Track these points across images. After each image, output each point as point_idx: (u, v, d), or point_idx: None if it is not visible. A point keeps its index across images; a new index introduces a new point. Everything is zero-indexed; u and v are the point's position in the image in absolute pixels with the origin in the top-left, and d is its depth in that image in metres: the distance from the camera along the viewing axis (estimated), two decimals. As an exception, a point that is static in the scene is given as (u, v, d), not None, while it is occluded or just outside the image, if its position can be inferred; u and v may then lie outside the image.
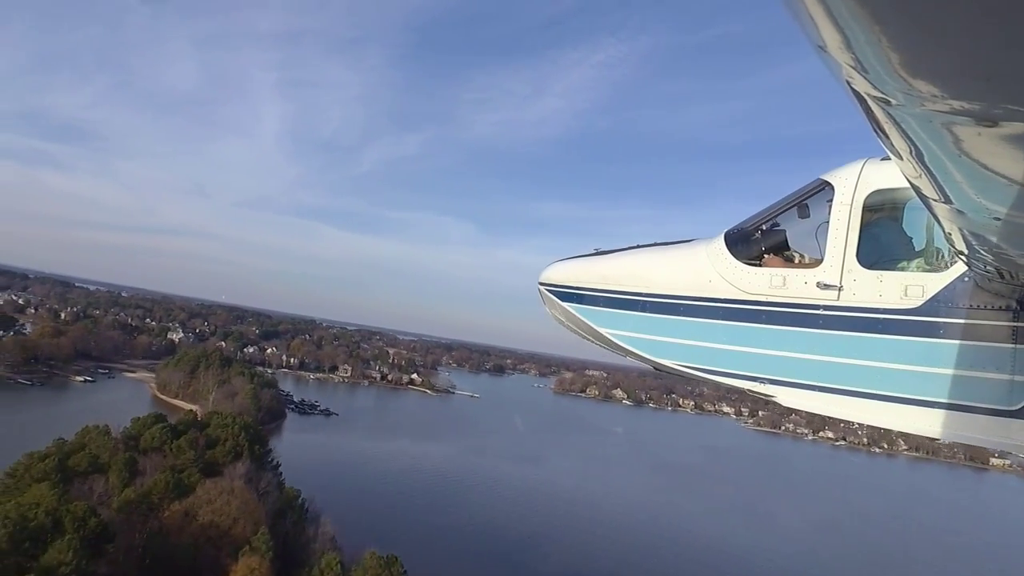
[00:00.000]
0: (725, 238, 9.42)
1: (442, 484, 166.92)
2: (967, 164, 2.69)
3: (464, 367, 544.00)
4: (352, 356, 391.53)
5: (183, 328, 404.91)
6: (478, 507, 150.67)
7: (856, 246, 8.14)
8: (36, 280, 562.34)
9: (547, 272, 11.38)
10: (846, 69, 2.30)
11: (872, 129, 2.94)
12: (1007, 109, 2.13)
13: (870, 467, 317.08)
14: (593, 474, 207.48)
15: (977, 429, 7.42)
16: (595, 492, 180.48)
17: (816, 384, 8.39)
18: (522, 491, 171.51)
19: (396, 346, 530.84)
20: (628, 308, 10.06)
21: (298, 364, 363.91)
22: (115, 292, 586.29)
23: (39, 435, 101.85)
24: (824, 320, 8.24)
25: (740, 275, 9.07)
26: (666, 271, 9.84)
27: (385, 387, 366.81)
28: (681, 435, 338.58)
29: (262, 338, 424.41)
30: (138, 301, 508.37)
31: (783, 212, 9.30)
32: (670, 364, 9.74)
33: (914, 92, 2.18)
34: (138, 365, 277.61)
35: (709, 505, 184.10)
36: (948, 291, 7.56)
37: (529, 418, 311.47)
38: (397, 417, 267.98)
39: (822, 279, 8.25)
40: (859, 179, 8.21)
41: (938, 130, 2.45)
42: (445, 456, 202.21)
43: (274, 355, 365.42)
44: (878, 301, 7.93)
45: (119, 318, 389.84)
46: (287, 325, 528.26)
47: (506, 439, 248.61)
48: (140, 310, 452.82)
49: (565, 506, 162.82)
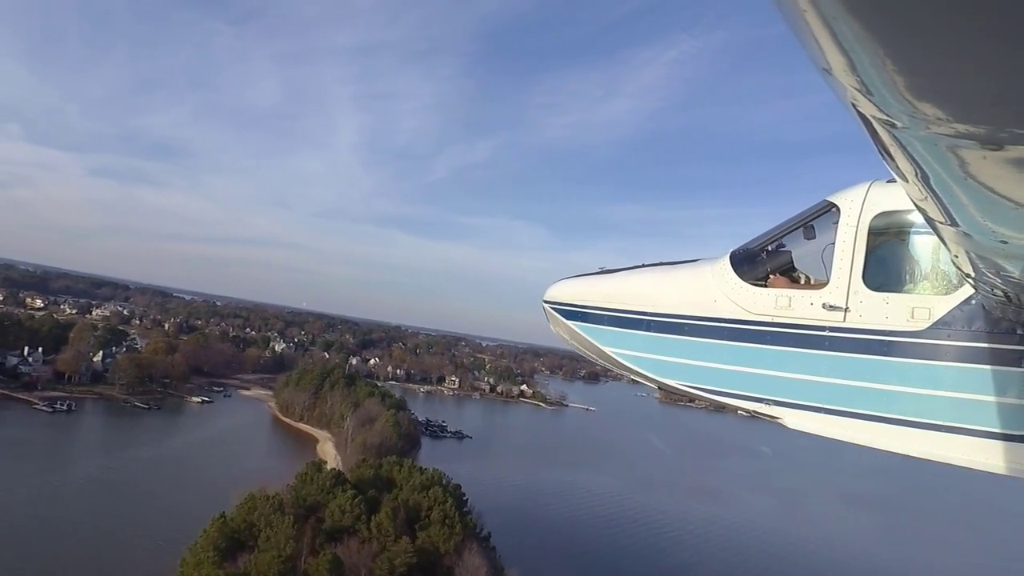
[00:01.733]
0: (731, 258, 9.16)
1: (637, 530, 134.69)
2: (973, 187, 2.64)
3: (558, 374, 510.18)
4: (458, 366, 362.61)
5: (282, 337, 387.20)
6: (696, 560, 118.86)
7: (862, 268, 7.89)
8: (136, 291, 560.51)
9: (552, 290, 11.12)
10: (851, 92, 2.25)
11: (878, 151, 2.88)
12: (1012, 133, 2.09)
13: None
14: (792, 513, 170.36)
15: (984, 454, 7.11)
16: (814, 538, 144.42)
17: (822, 406, 8.09)
18: (729, 536, 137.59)
19: (482, 352, 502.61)
20: (632, 327, 9.77)
21: (404, 375, 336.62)
22: (210, 301, 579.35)
23: (176, 476, 74.23)
24: (830, 342, 7.99)
25: (745, 295, 8.77)
26: (671, 291, 9.57)
27: (495, 399, 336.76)
28: (831, 456, 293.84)
29: (359, 347, 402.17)
30: (234, 310, 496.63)
31: (789, 233, 9.00)
32: (675, 384, 9.45)
33: (919, 115, 2.14)
34: (250, 381, 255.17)
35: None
36: (955, 314, 7.34)
37: (663, 436, 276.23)
38: (530, 438, 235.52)
39: (828, 300, 8.00)
40: (865, 201, 7.97)
41: (944, 153, 2.40)
42: (616, 490, 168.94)
43: (379, 366, 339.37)
44: (884, 323, 7.68)
45: (220, 328, 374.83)
46: (379, 333, 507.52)
47: (659, 465, 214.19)
48: (238, 319, 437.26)
49: (797, 557, 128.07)
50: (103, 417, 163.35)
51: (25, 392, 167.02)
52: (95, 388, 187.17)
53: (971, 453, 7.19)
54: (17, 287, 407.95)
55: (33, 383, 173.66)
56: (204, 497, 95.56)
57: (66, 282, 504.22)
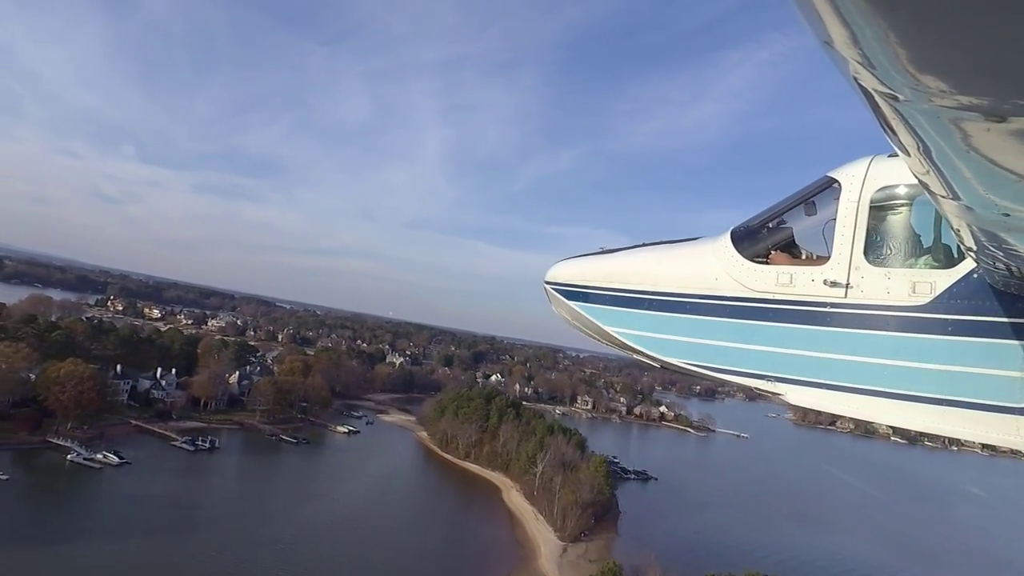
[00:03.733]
0: (731, 236, 8.88)
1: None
2: (975, 160, 2.59)
3: (671, 390, 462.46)
4: (591, 385, 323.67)
5: (393, 350, 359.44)
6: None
7: (863, 243, 7.70)
8: (242, 300, 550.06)
9: (553, 270, 10.71)
10: (853, 65, 2.21)
11: (880, 125, 2.81)
12: (1016, 104, 2.05)
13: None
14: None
15: (986, 427, 6.99)
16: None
17: (824, 382, 7.90)
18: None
19: (583, 365, 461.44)
20: (634, 306, 9.52)
21: (533, 394, 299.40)
22: (310, 311, 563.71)
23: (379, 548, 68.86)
24: (831, 317, 7.81)
25: (747, 273, 8.55)
26: (672, 269, 9.26)
27: (634, 422, 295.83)
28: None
29: (472, 361, 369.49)
30: (337, 321, 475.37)
31: (790, 209, 8.72)
32: (677, 362, 9.16)
33: (922, 88, 2.09)
34: (383, 402, 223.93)
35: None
36: (957, 288, 7.15)
37: (844, 471, 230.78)
38: (715, 477, 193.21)
39: (829, 276, 7.80)
40: (866, 176, 7.76)
41: (946, 126, 2.36)
42: (901, 566, 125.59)
43: (503, 383, 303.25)
44: (886, 298, 7.50)
45: (332, 339, 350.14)
46: (484, 345, 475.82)
47: (893, 516, 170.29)
48: (346, 331, 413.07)
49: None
50: (251, 457, 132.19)
51: (160, 423, 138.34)
52: (233, 415, 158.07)
53: (972, 426, 7.02)
54: (134, 297, 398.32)
55: (167, 411, 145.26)
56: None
57: (177, 292, 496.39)
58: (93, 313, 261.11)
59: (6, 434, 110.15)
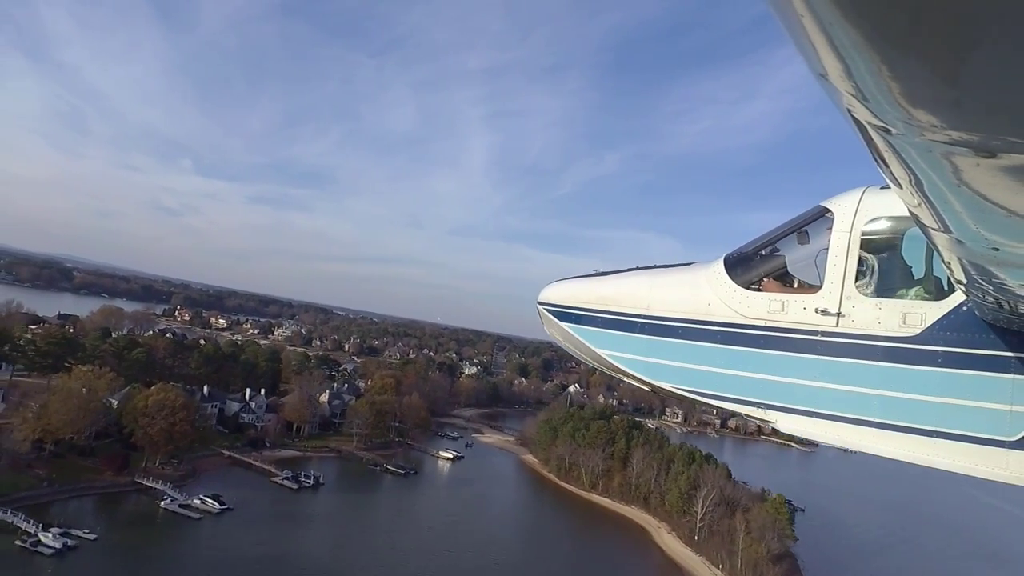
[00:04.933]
0: (724, 262, 8.79)
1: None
2: (966, 194, 2.58)
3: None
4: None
5: (459, 358, 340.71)
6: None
7: (855, 273, 7.65)
8: (299, 307, 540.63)
9: (546, 291, 10.48)
10: (847, 97, 2.18)
11: (872, 157, 2.79)
12: (1006, 141, 2.04)
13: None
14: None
15: (975, 460, 6.86)
16: None
17: (814, 410, 7.71)
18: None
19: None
20: (626, 330, 9.25)
21: (619, 406, 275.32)
22: (365, 318, 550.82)
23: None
24: (822, 346, 7.69)
25: (739, 299, 8.41)
26: (665, 293, 9.10)
27: (729, 436, 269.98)
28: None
29: (544, 369, 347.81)
30: (398, 328, 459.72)
31: (783, 238, 8.65)
32: (668, 387, 8.89)
33: (914, 122, 2.08)
34: (472, 419, 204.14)
35: None
36: (947, 319, 7.14)
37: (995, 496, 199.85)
38: (852, 505, 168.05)
39: (821, 305, 7.71)
40: (859, 207, 7.76)
41: (937, 160, 2.34)
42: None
43: (583, 393, 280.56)
44: (877, 328, 7.41)
45: (399, 348, 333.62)
46: (549, 352, 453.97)
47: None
48: (409, 339, 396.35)
49: None
50: (361, 495, 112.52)
51: (255, 453, 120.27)
52: (328, 441, 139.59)
53: (961, 459, 6.94)
54: (198, 306, 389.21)
55: (260, 438, 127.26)
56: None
57: (238, 300, 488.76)
58: (164, 324, 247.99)
59: (91, 475, 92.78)
